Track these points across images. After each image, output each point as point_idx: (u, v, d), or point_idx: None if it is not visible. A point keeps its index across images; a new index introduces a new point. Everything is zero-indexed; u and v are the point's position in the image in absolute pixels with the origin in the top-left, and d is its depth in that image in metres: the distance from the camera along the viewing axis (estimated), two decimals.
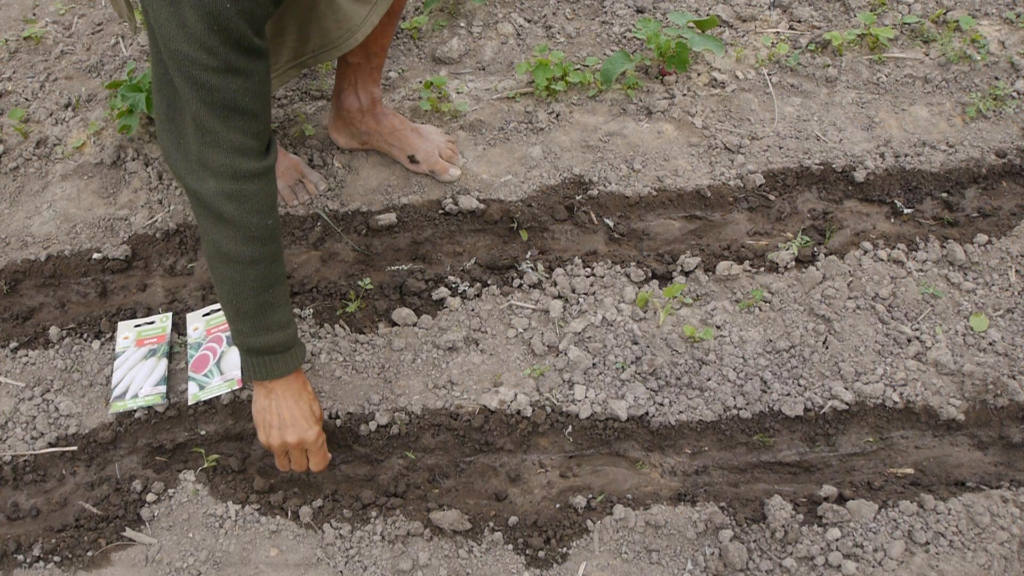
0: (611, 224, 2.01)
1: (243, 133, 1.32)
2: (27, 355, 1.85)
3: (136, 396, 1.75)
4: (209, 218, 1.39)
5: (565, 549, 1.57)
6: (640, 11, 2.46)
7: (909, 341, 1.81)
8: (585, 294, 1.88)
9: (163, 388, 1.77)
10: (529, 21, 2.44)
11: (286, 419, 1.53)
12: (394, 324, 1.86)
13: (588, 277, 1.91)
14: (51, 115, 2.26)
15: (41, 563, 1.59)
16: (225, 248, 1.40)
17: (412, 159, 2.05)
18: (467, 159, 2.12)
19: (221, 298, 1.48)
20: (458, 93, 2.25)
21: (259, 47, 1.27)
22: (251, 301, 1.45)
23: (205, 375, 1.78)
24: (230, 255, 1.41)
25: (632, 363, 1.78)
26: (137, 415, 1.75)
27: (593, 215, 2.03)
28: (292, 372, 1.53)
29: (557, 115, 2.20)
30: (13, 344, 1.87)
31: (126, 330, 1.85)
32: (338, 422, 1.73)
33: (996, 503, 1.58)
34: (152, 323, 1.86)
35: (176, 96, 1.31)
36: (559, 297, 1.89)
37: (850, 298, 1.87)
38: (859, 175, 2.06)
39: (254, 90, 1.30)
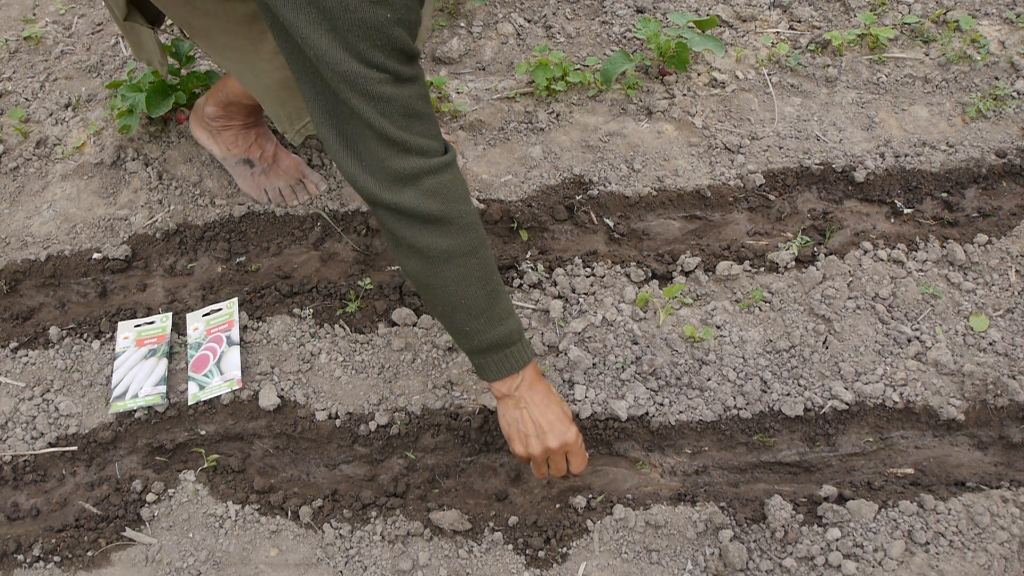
0: (611, 224, 2.01)
1: (425, 136, 1.32)
2: (27, 355, 1.85)
3: (136, 396, 1.76)
4: (415, 226, 1.35)
5: (565, 549, 1.57)
6: (640, 11, 2.46)
7: (909, 341, 1.81)
8: (585, 294, 1.88)
9: (163, 388, 1.77)
10: (529, 21, 2.44)
11: (542, 425, 1.48)
12: (394, 324, 1.86)
13: (588, 277, 1.91)
14: (51, 115, 2.26)
15: (41, 563, 1.59)
16: (442, 247, 1.36)
17: None
18: (467, 159, 2.12)
19: (448, 307, 1.42)
20: (458, 93, 2.25)
21: (417, 52, 1.29)
22: (480, 293, 1.41)
23: (205, 375, 1.78)
24: (449, 252, 1.37)
25: (632, 363, 1.78)
26: (137, 415, 1.75)
27: (593, 215, 2.03)
28: (531, 360, 1.49)
29: (557, 115, 2.19)
30: (13, 344, 1.87)
31: (126, 330, 1.85)
32: (338, 422, 1.73)
33: (996, 503, 1.58)
34: (152, 323, 1.86)
35: (345, 122, 1.29)
36: (559, 297, 1.89)
37: (850, 298, 1.87)
38: (859, 175, 2.06)
39: (423, 93, 1.31)
